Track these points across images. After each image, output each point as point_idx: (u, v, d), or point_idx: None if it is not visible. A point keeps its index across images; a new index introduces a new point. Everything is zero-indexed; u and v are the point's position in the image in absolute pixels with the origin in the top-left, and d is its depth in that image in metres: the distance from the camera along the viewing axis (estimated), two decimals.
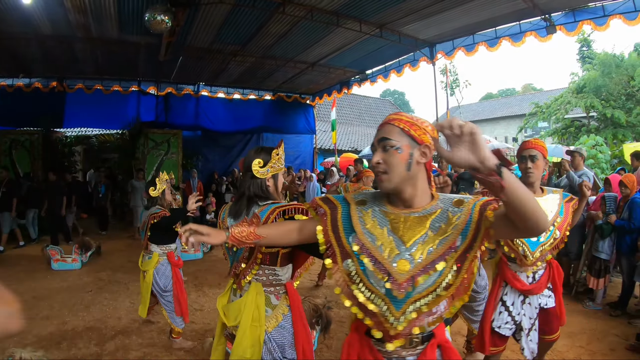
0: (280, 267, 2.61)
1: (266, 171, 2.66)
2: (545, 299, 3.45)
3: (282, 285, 2.65)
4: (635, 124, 19.50)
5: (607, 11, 8.70)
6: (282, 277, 2.64)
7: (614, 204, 6.45)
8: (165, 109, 15.03)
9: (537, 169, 3.25)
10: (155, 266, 4.93)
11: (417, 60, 12.34)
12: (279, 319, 2.58)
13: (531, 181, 3.28)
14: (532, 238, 3.21)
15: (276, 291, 2.63)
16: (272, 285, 2.61)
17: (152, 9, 7.39)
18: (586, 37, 25.33)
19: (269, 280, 2.60)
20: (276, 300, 2.61)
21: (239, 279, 2.64)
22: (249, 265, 2.57)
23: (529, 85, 55.83)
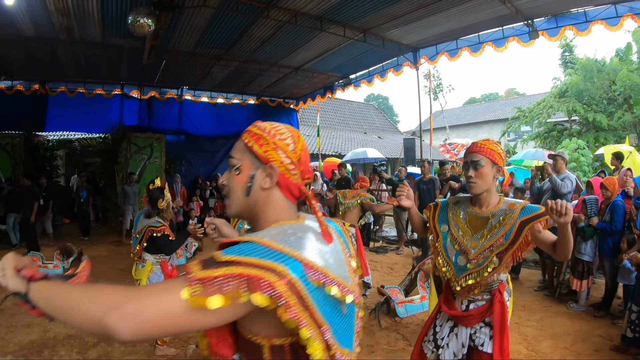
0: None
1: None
2: (482, 338, 2.81)
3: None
4: (616, 128, 19.75)
5: (589, 17, 8.81)
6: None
7: (595, 206, 6.52)
8: (148, 113, 14.91)
9: (481, 177, 2.78)
10: (148, 275, 4.93)
11: (400, 65, 12.39)
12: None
13: (474, 192, 2.84)
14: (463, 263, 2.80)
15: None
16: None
17: (135, 12, 7.34)
18: (568, 43, 25.70)
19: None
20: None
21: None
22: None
23: (511, 89, 56.43)
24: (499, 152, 2.82)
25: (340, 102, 34.43)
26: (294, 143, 1.50)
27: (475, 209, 2.89)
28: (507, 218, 2.70)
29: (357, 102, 39.50)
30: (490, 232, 2.74)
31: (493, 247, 2.69)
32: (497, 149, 2.82)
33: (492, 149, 2.80)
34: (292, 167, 1.47)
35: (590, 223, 6.34)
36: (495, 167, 2.80)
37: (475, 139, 3.01)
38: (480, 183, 2.78)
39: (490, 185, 2.81)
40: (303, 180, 1.52)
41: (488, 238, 2.72)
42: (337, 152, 24.22)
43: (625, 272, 5.69)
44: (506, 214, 2.71)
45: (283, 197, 1.49)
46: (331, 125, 30.84)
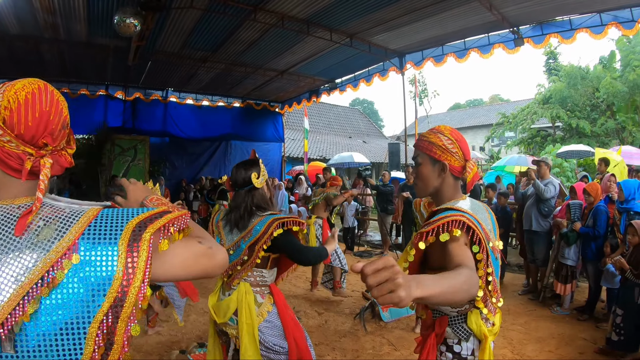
0: (268, 270, 2.95)
1: (261, 180, 2.87)
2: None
3: (267, 286, 2.97)
4: (599, 134, 19.97)
5: (573, 25, 8.94)
6: (268, 279, 2.96)
7: (579, 211, 6.58)
8: (133, 114, 14.80)
9: (420, 178, 2.25)
10: None
11: (386, 70, 12.45)
12: (264, 315, 2.87)
13: (419, 195, 2.44)
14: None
15: (262, 291, 2.93)
16: (258, 286, 2.92)
17: (121, 12, 7.28)
18: (553, 50, 25.97)
19: (256, 281, 2.91)
20: (261, 299, 2.91)
21: (230, 279, 2.92)
22: (245, 268, 2.85)
23: (496, 95, 56.97)
24: (442, 144, 2.15)
25: (326, 106, 34.52)
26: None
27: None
28: None
29: (343, 106, 39.65)
30: None
31: None
32: (439, 141, 2.16)
33: (431, 141, 2.18)
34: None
35: (574, 228, 6.39)
36: (438, 165, 2.16)
37: None
38: (419, 184, 2.26)
39: (438, 186, 2.19)
40: (39, 149, 1.17)
41: None
42: (322, 156, 24.27)
43: (609, 275, 5.74)
44: None
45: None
46: (316, 129, 30.87)
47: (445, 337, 2.19)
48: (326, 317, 6.36)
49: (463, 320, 2.13)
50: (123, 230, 1.06)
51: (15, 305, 0.95)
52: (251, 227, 2.82)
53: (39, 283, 0.97)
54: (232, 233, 2.95)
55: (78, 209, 1.11)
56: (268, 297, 2.96)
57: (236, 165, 3.00)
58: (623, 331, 4.77)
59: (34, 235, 1.03)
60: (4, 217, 1.05)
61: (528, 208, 7.46)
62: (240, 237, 2.88)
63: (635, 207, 5.73)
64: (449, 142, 2.16)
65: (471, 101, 64.48)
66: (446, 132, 2.21)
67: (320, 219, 7.28)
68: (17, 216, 1.05)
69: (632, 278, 4.79)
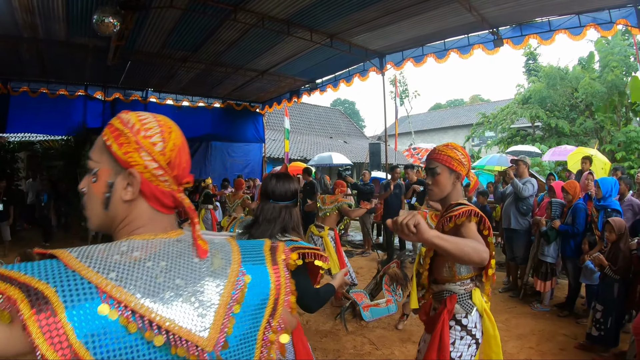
0: None
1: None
2: None
3: None
4: (578, 133, 20.19)
5: (552, 26, 9.04)
6: None
7: (559, 209, 6.66)
8: (112, 115, 14.11)
9: (437, 185, 2.72)
10: None
11: (366, 70, 12.49)
12: None
13: (432, 199, 2.81)
14: None
15: None
16: None
17: (100, 11, 7.19)
18: (532, 51, 26.25)
19: None
20: None
21: None
22: None
23: (476, 96, 57.44)
24: (458, 158, 2.69)
25: (307, 106, 34.51)
26: (163, 141, 1.20)
27: None
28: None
29: (324, 106, 39.64)
30: None
31: None
32: (456, 155, 2.70)
33: (450, 155, 2.69)
34: (161, 172, 1.18)
35: (553, 225, 6.46)
36: (454, 174, 2.69)
37: (439, 144, 2.93)
38: (436, 190, 2.73)
39: (450, 191, 2.71)
40: (180, 186, 1.26)
41: None
42: (303, 156, 24.24)
43: (588, 272, 5.80)
44: None
45: (151, 209, 1.19)
46: (297, 130, 30.84)
47: (454, 313, 2.68)
48: (307, 317, 6.35)
49: (469, 297, 2.70)
50: (264, 255, 1.29)
51: (221, 325, 1.08)
52: None
53: (231, 303, 1.13)
54: None
55: (221, 240, 1.29)
56: None
57: (275, 175, 2.78)
58: (603, 326, 4.84)
59: (210, 265, 1.16)
60: (182, 249, 1.16)
61: (507, 206, 7.53)
62: None
63: (612, 205, 5.80)
64: (462, 156, 2.71)
65: (452, 101, 64.88)
66: (459, 148, 2.77)
67: (332, 231, 6.93)
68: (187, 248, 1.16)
69: (610, 274, 4.85)
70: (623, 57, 18.05)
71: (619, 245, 4.92)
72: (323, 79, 14.31)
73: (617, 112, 18.78)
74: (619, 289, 4.84)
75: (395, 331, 5.86)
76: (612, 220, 5.05)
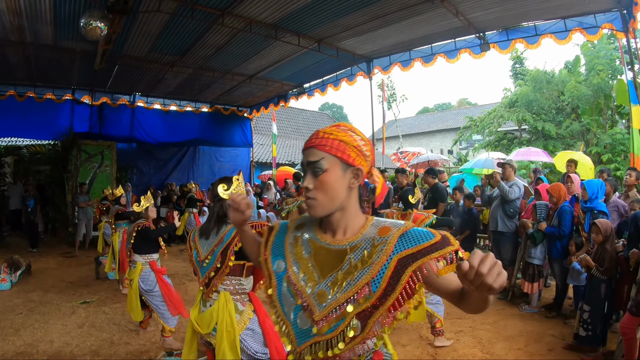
0: (245, 278, 3.07)
1: (230, 193, 2.87)
2: None
3: (246, 293, 3.09)
4: (564, 136, 20.30)
5: (539, 30, 9.14)
6: (246, 286, 3.09)
7: (545, 211, 6.70)
8: (100, 119, 14.59)
9: (324, 189, 1.59)
10: (139, 274, 5.22)
11: (354, 75, 12.54)
12: (246, 323, 2.98)
13: (315, 214, 1.63)
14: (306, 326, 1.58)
15: (241, 299, 3.05)
16: (238, 294, 3.04)
17: (88, 15, 7.17)
18: (519, 55, 26.36)
19: (235, 289, 3.03)
20: (242, 307, 3.03)
21: (208, 288, 3.03)
22: (219, 275, 2.98)
23: (464, 99, 57.71)
24: (356, 145, 1.62)
25: (294, 110, 34.50)
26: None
27: (325, 236, 1.68)
28: (375, 252, 1.53)
29: (311, 111, 39.58)
30: (347, 276, 1.55)
31: (352, 301, 1.51)
32: (353, 140, 1.62)
33: (343, 140, 1.60)
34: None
35: (539, 228, 6.50)
36: (350, 170, 1.61)
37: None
38: (321, 199, 1.60)
39: (346, 199, 1.62)
40: None
41: (344, 287, 1.53)
42: (291, 160, 24.22)
43: (575, 273, 5.85)
44: (374, 246, 1.55)
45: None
46: (285, 134, 30.81)
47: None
48: None
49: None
50: None
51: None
52: (223, 234, 3.03)
53: None
54: (208, 240, 3.08)
55: None
56: (248, 305, 3.08)
57: (219, 179, 3.06)
58: (590, 326, 4.87)
59: None
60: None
61: (494, 209, 7.57)
62: (214, 245, 3.03)
63: (598, 206, 5.85)
64: (362, 142, 1.65)
65: (439, 105, 65.13)
66: (356, 130, 1.69)
67: None
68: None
69: (597, 275, 4.89)
70: (609, 61, 18.20)
71: (605, 246, 4.96)
72: (311, 83, 14.37)
73: (603, 114, 18.93)
74: (605, 289, 4.89)
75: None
76: (599, 222, 5.09)
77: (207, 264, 3.03)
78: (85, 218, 11.97)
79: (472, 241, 8.71)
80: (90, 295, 7.68)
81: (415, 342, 5.58)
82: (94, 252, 10.30)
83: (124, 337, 5.73)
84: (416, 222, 5.19)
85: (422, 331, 5.94)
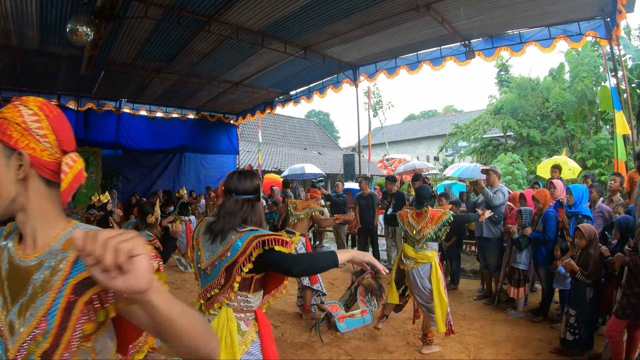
0: (252, 294, 2.52)
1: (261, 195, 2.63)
2: None
3: (253, 311, 2.56)
4: (549, 142, 20.54)
5: (523, 38, 9.26)
6: (253, 303, 2.55)
7: (529, 217, 6.76)
8: (85, 125, 14.47)
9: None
10: None
11: (340, 82, 12.61)
12: (247, 345, 2.48)
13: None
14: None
15: (246, 317, 2.53)
16: (242, 312, 2.51)
17: (74, 20, 7.12)
18: (504, 62, 26.70)
19: (240, 307, 2.50)
20: (245, 327, 2.51)
21: (209, 302, 2.54)
22: (224, 292, 2.46)
23: (449, 107, 58.11)
24: (21, 121, 1.23)
25: (281, 117, 34.54)
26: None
27: (19, 248, 1.29)
28: (55, 273, 1.19)
29: (298, 118, 39.64)
30: (30, 302, 1.19)
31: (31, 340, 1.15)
32: (17, 115, 1.24)
33: (4, 117, 1.24)
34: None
35: (524, 233, 6.55)
36: (14, 156, 1.22)
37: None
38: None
39: (23, 196, 1.24)
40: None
41: (27, 318, 1.18)
42: (277, 167, 24.20)
43: (560, 277, 5.90)
44: (56, 264, 1.20)
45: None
46: (271, 141, 30.82)
47: None
48: (282, 329, 6.32)
49: None
50: None
51: None
52: (230, 243, 2.42)
53: None
54: (213, 245, 2.53)
55: None
56: (253, 325, 2.55)
57: (238, 172, 2.69)
58: (577, 330, 4.91)
59: None
60: None
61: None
62: (217, 256, 2.47)
63: (583, 211, 5.90)
64: (33, 117, 1.25)
65: (425, 112, 65.60)
66: (35, 102, 1.30)
67: (303, 237, 6.85)
68: None
69: (582, 279, 4.93)
70: (592, 68, 18.44)
71: (589, 250, 5.00)
72: (297, 90, 14.41)
73: (587, 120, 19.18)
74: (590, 293, 4.93)
75: (371, 342, 5.86)
76: (582, 227, 5.14)
77: (209, 277, 2.54)
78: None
79: (458, 247, 8.76)
80: None
81: (402, 348, 5.60)
82: None
83: None
84: (433, 219, 5.18)
85: (409, 337, 5.96)
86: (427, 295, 5.27)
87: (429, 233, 5.17)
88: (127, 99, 14.94)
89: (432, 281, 5.22)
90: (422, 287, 5.29)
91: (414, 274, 5.35)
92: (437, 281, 5.22)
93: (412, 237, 5.38)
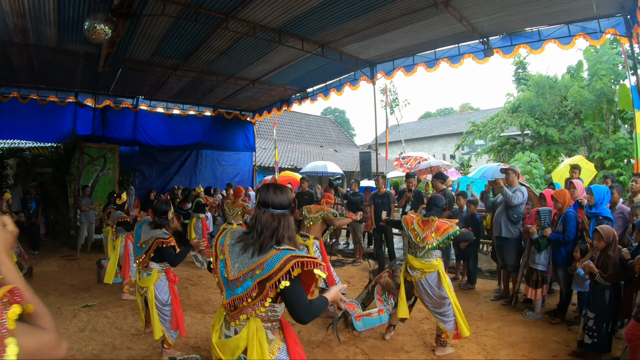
0: (279, 304, 2.53)
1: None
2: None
3: (278, 320, 2.59)
4: (567, 141, 20.34)
5: (542, 36, 9.15)
6: (279, 312, 2.57)
7: (548, 217, 6.67)
8: (103, 122, 14.63)
9: None
10: (155, 282, 5.06)
11: (357, 80, 12.59)
12: (274, 353, 2.53)
13: None
14: None
15: (272, 326, 2.56)
16: (269, 321, 2.54)
17: (92, 18, 7.14)
18: (522, 60, 26.44)
19: (267, 316, 2.52)
20: (272, 335, 2.55)
21: (235, 313, 2.55)
22: (254, 304, 2.46)
23: (466, 104, 57.81)
24: None
25: (297, 115, 34.55)
26: None
27: None
28: None
29: (314, 115, 39.66)
30: None
31: None
32: None
33: None
34: None
35: (544, 234, 6.47)
36: None
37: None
38: None
39: None
40: None
41: None
42: (293, 165, 24.24)
43: (579, 279, 5.82)
44: None
45: None
46: (287, 139, 30.87)
47: None
48: (299, 327, 6.30)
49: None
50: None
51: None
52: (266, 258, 2.40)
53: None
54: (243, 256, 2.51)
55: None
56: (278, 333, 2.61)
57: (273, 185, 2.68)
58: (596, 333, 4.84)
59: None
60: None
61: (497, 215, 7.54)
62: (249, 269, 2.44)
63: (603, 212, 5.82)
64: None
65: (442, 110, 65.26)
66: None
67: (318, 240, 6.83)
68: None
69: (601, 281, 4.86)
70: (611, 66, 18.23)
71: (608, 252, 4.93)
72: (314, 87, 14.39)
73: (605, 119, 18.94)
74: (610, 296, 4.85)
75: (388, 341, 5.83)
76: (600, 229, 5.06)
77: (237, 289, 2.50)
78: (87, 221, 11.94)
79: (475, 247, 8.70)
80: (91, 299, 7.66)
81: (419, 348, 5.56)
82: (95, 256, 10.31)
83: (126, 341, 5.70)
84: (439, 231, 5.16)
85: (426, 337, 5.93)
86: (438, 301, 5.26)
87: (432, 243, 5.15)
88: (144, 96, 15.05)
89: (445, 288, 5.23)
90: (432, 295, 5.28)
91: (423, 284, 5.33)
92: (447, 287, 5.23)
93: (415, 244, 5.35)
